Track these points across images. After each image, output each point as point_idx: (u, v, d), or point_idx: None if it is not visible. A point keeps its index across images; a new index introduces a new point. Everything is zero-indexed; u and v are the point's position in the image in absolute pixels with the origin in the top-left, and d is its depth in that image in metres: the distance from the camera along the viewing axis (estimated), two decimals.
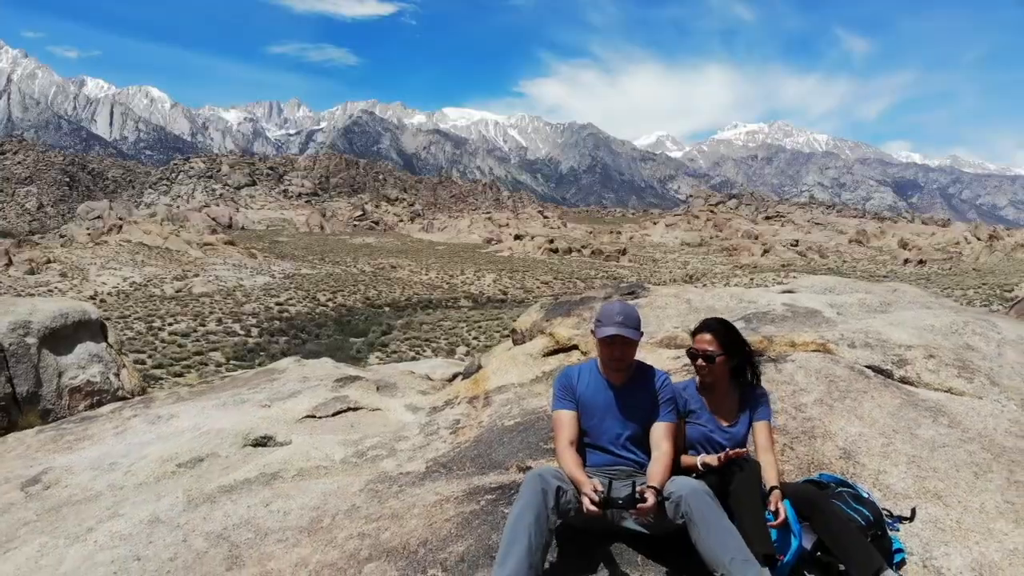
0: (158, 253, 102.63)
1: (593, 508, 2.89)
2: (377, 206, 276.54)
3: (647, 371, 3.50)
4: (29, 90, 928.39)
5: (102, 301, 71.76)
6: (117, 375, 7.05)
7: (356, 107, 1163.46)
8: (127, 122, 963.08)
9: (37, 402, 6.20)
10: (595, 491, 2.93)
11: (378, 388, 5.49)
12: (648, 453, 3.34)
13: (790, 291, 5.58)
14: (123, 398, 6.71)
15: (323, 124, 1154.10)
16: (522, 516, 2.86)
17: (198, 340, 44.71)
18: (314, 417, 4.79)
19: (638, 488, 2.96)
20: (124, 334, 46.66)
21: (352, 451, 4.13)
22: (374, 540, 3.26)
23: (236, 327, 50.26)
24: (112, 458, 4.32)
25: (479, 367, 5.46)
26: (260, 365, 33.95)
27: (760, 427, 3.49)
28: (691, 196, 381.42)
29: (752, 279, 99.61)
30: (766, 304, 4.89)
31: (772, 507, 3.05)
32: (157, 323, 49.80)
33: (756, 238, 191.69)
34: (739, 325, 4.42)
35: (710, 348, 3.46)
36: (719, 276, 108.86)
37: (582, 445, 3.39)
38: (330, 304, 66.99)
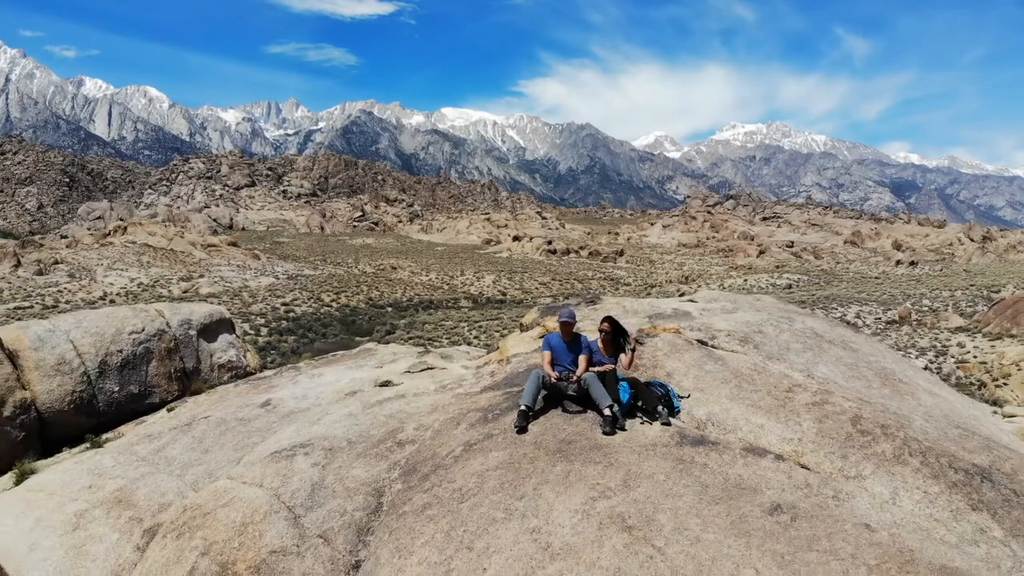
0: (163, 254, 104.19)
1: (554, 380, 6.93)
2: (376, 207, 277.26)
3: (580, 336, 7.53)
4: (27, 90, 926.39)
5: (111, 302, 73.49)
6: (244, 356, 9.03)
7: (354, 107, 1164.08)
8: (125, 122, 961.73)
9: (198, 375, 8.28)
10: (557, 375, 7.01)
11: (442, 357, 7.87)
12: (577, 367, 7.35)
13: (691, 300, 7.93)
14: (250, 372, 8.73)
15: (321, 124, 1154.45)
16: (530, 384, 6.76)
17: None
18: (410, 372, 7.27)
19: (570, 375, 7.02)
20: None
21: (438, 386, 6.97)
22: (467, 408, 6.40)
23: (246, 326, 52.00)
24: (301, 393, 6.74)
25: (498, 347, 8.00)
26: (272, 363, 35.93)
27: (621, 358, 7.39)
28: (689, 197, 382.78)
29: (746, 279, 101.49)
30: (663, 308, 7.90)
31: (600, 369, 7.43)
32: None
33: (752, 239, 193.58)
34: (644, 320, 7.17)
35: (607, 330, 7.32)
36: (714, 277, 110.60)
37: (553, 366, 7.37)
38: (334, 304, 68.74)
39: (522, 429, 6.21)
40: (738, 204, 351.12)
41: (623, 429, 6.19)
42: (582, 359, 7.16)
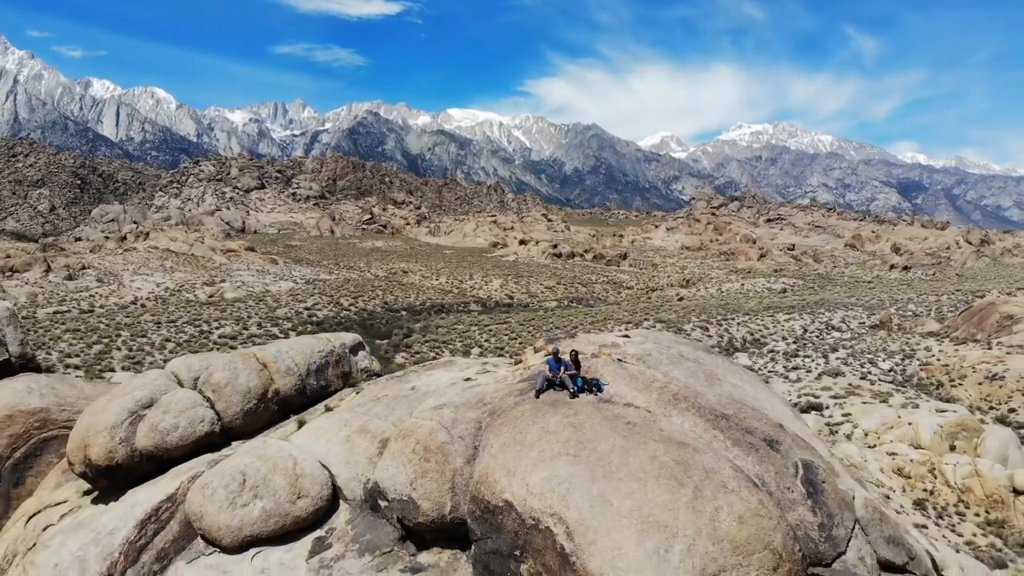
0: (185, 259, 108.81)
1: (550, 378, 11.97)
2: (384, 209, 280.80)
3: (562, 358, 11.65)
4: (35, 91, 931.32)
5: (143, 306, 77.91)
6: (372, 364, 13.55)
7: (361, 108, 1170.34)
8: (133, 123, 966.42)
9: (351, 375, 12.77)
10: (551, 375, 11.06)
11: (493, 366, 12.21)
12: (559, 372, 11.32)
13: (626, 335, 12.05)
14: (377, 374, 13.26)
15: (328, 125, 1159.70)
16: (540, 379, 11.11)
17: (245, 342, 50.81)
18: (478, 373, 11.45)
19: (556, 375, 10.91)
20: (179, 337, 52.90)
21: (495, 380, 11.49)
22: (512, 389, 10.83)
23: (275, 330, 56.43)
24: (427, 384, 11.18)
25: (520, 360, 12.21)
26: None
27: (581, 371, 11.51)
28: (694, 199, 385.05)
29: (743, 284, 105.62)
30: (607, 341, 12.38)
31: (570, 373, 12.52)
32: (205, 327, 56.01)
33: (754, 242, 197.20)
34: (596, 347, 11.33)
35: (573, 355, 11.38)
36: (713, 281, 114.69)
37: (550, 371, 11.25)
38: (353, 308, 73.12)
39: (537, 397, 11.05)
40: (743, 206, 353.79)
41: (577, 397, 10.99)
42: (562, 368, 12.02)
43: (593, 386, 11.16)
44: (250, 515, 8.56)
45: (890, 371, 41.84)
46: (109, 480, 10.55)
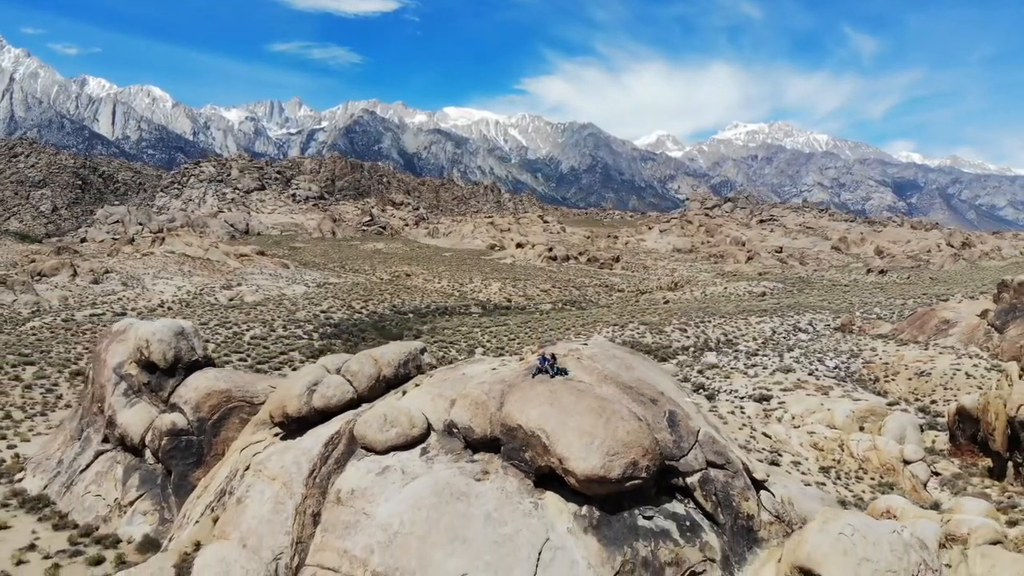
0: (201, 264, 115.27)
1: (540, 368, 17.72)
2: (383, 210, 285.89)
3: (546, 356, 18.24)
4: (31, 89, 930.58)
5: (169, 309, 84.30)
6: (433, 361, 20.29)
7: (357, 106, 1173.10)
8: (129, 121, 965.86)
9: (421, 367, 19.60)
10: (539, 367, 17.67)
11: (507, 361, 18.88)
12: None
13: (585, 343, 18.69)
14: (435, 367, 19.90)
15: (324, 123, 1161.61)
16: (535, 369, 17.46)
17: (276, 342, 57.43)
18: (499, 365, 18.11)
19: (542, 366, 17.38)
20: (215, 338, 59.45)
21: (508, 369, 17.72)
22: (520, 374, 17.29)
23: (299, 332, 63.07)
24: (470, 371, 17.90)
25: (523, 358, 18.85)
26: None
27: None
28: (688, 199, 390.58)
29: (726, 287, 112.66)
30: (575, 347, 18.39)
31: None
32: (236, 329, 62.58)
33: (743, 245, 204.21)
34: (567, 350, 18.07)
35: (552, 355, 17.84)
36: (699, 284, 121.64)
37: (541, 363, 17.56)
38: (364, 311, 79.67)
39: (533, 378, 16.78)
40: (736, 207, 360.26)
41: (554, 378, 16.56)
42: (547, 363, 18.13)
43: (562, 372, 17.17)
44: (389, 435, 15.30)
45: (835, 368, 48.76)
46: (297, 425, 17.53)
